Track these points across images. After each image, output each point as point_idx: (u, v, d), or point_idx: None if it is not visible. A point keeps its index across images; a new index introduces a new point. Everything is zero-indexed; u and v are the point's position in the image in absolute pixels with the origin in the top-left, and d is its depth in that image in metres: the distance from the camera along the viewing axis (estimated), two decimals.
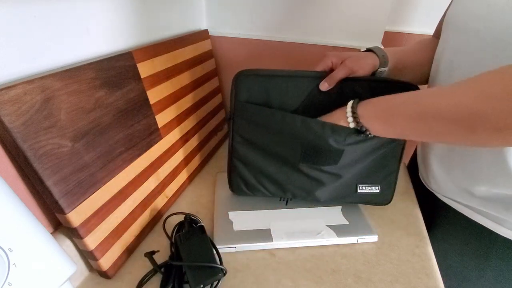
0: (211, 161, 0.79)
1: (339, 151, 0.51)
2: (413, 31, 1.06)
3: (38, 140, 0.36)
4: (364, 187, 0.58)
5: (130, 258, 0.51)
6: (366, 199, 0.60)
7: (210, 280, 0.45)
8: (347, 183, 0.57)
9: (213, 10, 0.82)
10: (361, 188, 0.58)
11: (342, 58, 0.55)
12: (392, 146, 0.55)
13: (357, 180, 0.57)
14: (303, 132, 0.51)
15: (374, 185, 0.58)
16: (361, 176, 0.57)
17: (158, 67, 0.59)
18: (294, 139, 0.52)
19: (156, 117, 0.57)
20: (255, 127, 0.54)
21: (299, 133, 0.51)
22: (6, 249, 0.31)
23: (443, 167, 0.56)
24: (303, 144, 0.52)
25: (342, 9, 0.72)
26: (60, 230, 0.45)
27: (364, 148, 0.52)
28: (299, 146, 0.52)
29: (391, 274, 0.50)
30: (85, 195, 0.42)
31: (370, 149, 0.53)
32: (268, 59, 0.82)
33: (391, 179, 0.59)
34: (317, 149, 0.51)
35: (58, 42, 0.43)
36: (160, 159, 0.58)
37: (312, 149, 0.52)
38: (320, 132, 0.49)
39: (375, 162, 0.56)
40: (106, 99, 0.46)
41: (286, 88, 0.53)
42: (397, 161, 0.57)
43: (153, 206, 0.57)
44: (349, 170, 0.55)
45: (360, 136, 0.49)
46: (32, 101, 0.36)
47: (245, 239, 0.53)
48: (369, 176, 0.57)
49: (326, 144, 0.50)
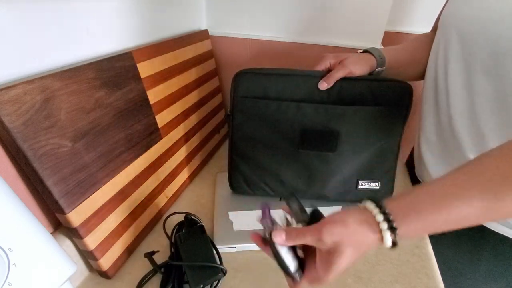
0: (211, 161, 0.79)
1: (335, 132, 0.54)
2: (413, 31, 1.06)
3: (38, 140, 0.36)
4: (365, 183, 0.59)
5: (130, 258, 0.51)
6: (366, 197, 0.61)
7: (210, 280, 0.45)
8: (347, 177, 0.58)
9: (213, 10, 0.82)
10: (362, 184, 0.59)
11: (340, 59, 0.56)
12: (388, 140, 0.57)
13: (357, 175, 0.58)
14: (298, 117, 0.54)
15: (374, 181, 0.59)
16: (361, 171, 0.58)
17: (158, 67, 0.59)
18: (291, 126, 0.55)
19: (156, 117, 0.57)
20: (253, 120, 0.56)
21: (295, 119, 0.54)
22: (6, 249, 0.31)
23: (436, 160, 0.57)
24: (300, 130, 0.55)
25: (342, 9, 0.72)
26: (60, 230, 0.45)
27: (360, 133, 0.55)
28: (296, 133, 0.55)
29: (391, 274, 0.50)
30: (85, 195, 0.42)
31: (367, 135, 0.55)
32: (268, 59, 0.82)
33: (390, 176, 0.60)
34: (314, 133, 0.55)
35: (58, 42, 0.43)
36: (160, 159, 0.58)
37: (309, 134, 0.55)
38: (314, 114, 0.53)
39: (374, 157, 0.57)
40: (106, 99, 0.46)
41: (283, 86, 0.54)
42: (395, 157, 0.58)
43: (153, 206, 0.57)
44: (348, 161, 0.56)
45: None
46: (32, 101, 0.36)
47: (245, 239, 0.53)
48: (368, 172, 0.59)
49: (321, 126, 0.54)
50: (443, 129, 0.53)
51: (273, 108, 0.55)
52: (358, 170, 0.58)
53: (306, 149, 0.56)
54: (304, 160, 0.57)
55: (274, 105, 0.55)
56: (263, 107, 0.55)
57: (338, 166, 0.57)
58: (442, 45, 0.52)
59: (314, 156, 0.57)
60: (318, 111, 0.53)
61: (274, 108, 0.55)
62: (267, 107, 0.55)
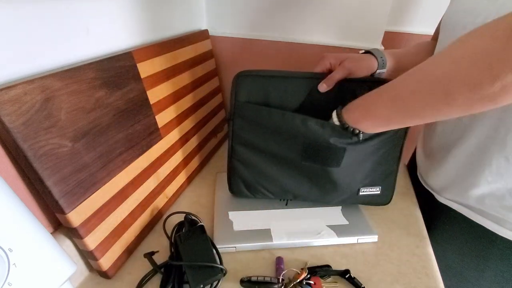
0: (211, 161, 0.79)
1: (341, 150, 0.51)
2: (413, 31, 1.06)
3: (38, 140, 0.36)
4: (366, 189, 0.58)
5: (130, 258, 0.51)
6: (366, 200, 0.60)
7: (210, 280, 0.45)
8: (350, 186, 0.57)
9: (213, 10, 0.82)
10: (363, 190, 0.58)
11: (340, 59, 0.55)
12: (391, 145, 0.55)
13: (360, 183, 0.57)
14: (303, 131, 0.51)
15: (375, 186, 0.58)
16: (363, 179, 0.57)
17: (158, 67, 0.59)
18: (293, 138, 0.52)
19: (156, 117, 0.57)
20: (255, 127, 0.54)
21: (299, 131, 0.51)
22: (6, 249, 0.31)
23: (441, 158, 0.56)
24: (303, 143, 0.52)
25: (342, 9, 0.72)
26: (60, 230, 0.45)
27: (364, 148, 0.52)
28: (299, 145, 0.52)
29: (391, 274, 0.50)
30: (85, 195, 0.42)
31: (371, 149, 0.53)
32: (268, 59, 0.82)
33: (390, 180, 0.59)
34: (318, 148, 0.51)
35: (58, 42, 0.43)
36: (160, 159, 0.58)
37: (313, 148, 0.52)
38: (320, 131, 0.50)
39: (376, 163, 0.56)
40: (106, 99, 0.46)
41: (285, 89, 0.53)
42: (397, 161, 0.58)
43: (153, 206, 0.57)
44: (351, 172, 0.55)
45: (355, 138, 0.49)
46: (32, 101, 0.36)
47: (245, 239, 0.53)
48: (370, 178, 0.57)
49: (327, 143, 0.50)
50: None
51: (276, 118, 0.52)
52: (360, 179, 0.57)
53: (309, 162, 0.54)
54: (307, 171, 0.55)
55: (277, 115, 0.52)
56: (266, 116, 0.52)
57: (341, 177, 0.55)
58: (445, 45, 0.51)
59: (317, 168, 0.54)
60: (325, 128, 0.50)
61: (278, 118, 0.52)
62: (270, 116, 0.52)
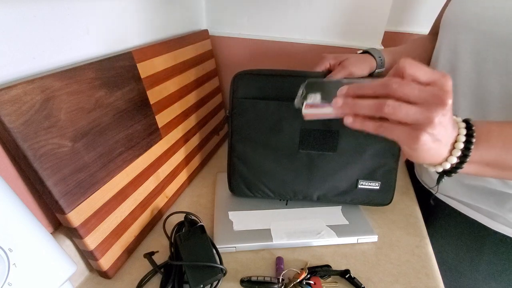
0: (211, 161, 0.79)
1: (335, 133, 0.55)
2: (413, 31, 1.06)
3: (38, 140, 0.36)
4: (365, 182, 0.59)
5: (130, 258, 0.51)
6: (366, 198, 0.60)
7: (210, 280, 0.44)
8: (348, 176, 0.59)
9: (213, 10, 0.82)
10: (362, 183, 0.59)
11: (339, 60, 0.56)
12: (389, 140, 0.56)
13: (357, 175, 0.59)
14: (298, 117, 0.54)
15: (374, 181, 0.59)
16: (361, 171, 0.59)
17: (158, 67, 0.59)
18: (291, 126, 0.56)
19: (156, 117, 0.57)
20: (253, 121, 0.57)
21: (295, 119, 0.55)
22: (6, 249, 0.31)
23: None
24: (301, 130, 0.56)
25: (342, 9, 0.72)
26: (60, 230, 0.45)
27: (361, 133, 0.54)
28: (296, 132, 0.56)
29: (391, 274, 0.50)
30: (85, 195, 0.42)
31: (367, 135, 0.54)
32: (268, 59, 0.82)
33: (390, 178, 0.60)
34: (314, 133, 0.56)
35: (58, 42, 0.43)
36: (160, 159, 0.58)
37: (310, 134, 0.56)
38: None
39: (375, 157, 0.57)
40: (106, 99, 0.46)
41: (282, 87, 0.55)
42: (396, 158, 0.58)
43: (153, 206, 0.57)
44: (349, 160, 0.57)
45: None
46: (32, 101, 0.36)
47: (245, 239, 0.53)
48: (369, 172, 0.59)
49: (322, 126, 0.55)
50: None
51: (273, 108, 0.55)
52: (358, 170, 0.58)
53: (306, 149, 0.57)
54: (305, 160, 0.57)
55: (274, 105, 0.55)
56: (264, 108, 0.56)
57: (339, 165, 0.57)
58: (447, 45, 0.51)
59: (314, 156, 0.57)
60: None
61: (274, 108, 0.55)
62: (267, 107, 0.56)
